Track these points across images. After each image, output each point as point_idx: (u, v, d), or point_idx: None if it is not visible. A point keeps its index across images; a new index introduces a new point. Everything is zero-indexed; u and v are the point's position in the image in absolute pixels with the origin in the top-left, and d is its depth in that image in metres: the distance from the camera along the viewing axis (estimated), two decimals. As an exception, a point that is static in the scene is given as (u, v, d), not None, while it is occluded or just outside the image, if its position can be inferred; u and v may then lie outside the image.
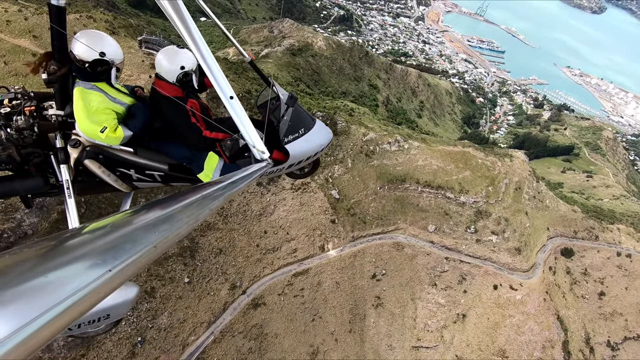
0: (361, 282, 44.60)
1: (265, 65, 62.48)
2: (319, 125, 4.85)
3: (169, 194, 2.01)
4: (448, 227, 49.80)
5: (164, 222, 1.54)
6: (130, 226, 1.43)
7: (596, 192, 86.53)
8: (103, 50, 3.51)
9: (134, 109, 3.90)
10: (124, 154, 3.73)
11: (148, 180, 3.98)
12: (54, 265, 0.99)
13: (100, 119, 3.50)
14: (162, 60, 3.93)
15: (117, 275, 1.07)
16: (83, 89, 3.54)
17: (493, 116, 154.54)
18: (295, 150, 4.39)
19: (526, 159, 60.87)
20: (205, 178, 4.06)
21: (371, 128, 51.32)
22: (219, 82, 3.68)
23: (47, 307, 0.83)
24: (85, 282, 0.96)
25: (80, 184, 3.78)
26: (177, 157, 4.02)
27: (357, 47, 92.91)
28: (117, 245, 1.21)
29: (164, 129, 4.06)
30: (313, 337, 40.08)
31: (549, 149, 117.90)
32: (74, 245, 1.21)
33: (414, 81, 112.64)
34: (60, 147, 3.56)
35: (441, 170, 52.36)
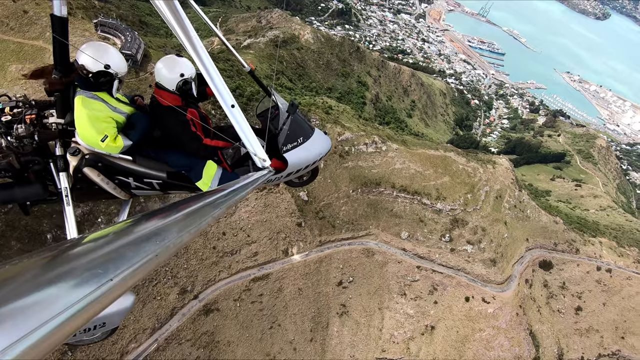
0: (326, 289, 42.64)
1: (244, 57, 59.76)
2: (317, 134, 4.88)
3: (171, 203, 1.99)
4: (422, 235, 47.83)
5: (165, 230, 1.54)
6: (131, 235, 1.43)
7: (583, 202, 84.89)
8: (108, 63, 3.56)
9: (134, 118, 3.92)
10: (123, 162, 3.75)
11: (146, 188, 3.99)
12: (55, 275, 1.00)
13: (101, 128, 3.53)
14: (161, 68, 3.96)
15: (119, 285, 1.08)
16: (84, 98, 3.57)
17: (487, 119, 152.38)
18: (294, 159, 4.41)
19: (510, 166, 58.85)
20: (203, 186, 4.07)
21: (348, 127, 49.02)
22: (220, 91, 3.67)
23: (49, 317, 0.83)
24: (86, 292, 0.96)
25: (78, 192, 3.77)
26: (176, 166, 4.03)
27: (347, 42, 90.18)
28: (118, 255, 1.23)
29: (163, 137, 4.08)
30: (270, 345, 38.15)
31: (540, 155, 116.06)
32: (75, 255, 1.23)
33: (406, 80, 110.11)
34: (59, 155, 3.57)
35: (419, 174, 50.26)
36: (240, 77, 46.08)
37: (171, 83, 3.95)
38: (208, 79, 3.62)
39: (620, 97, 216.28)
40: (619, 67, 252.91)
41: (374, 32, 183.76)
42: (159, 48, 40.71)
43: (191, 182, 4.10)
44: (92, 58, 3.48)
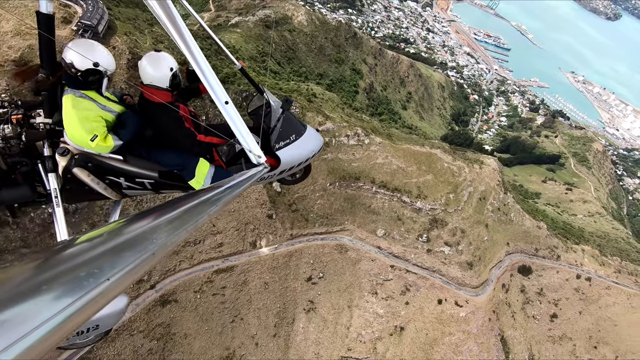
0: (294, 284, 41.35)
1: (230, 36, 57.05)
2: (310, 132, 4.89)
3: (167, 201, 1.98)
4: (399, 234, 46.37)
5: (162, 228, 1.53)
6: (127, 235, 1.41)
7: (572, 207, 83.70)
8: (97, 60, 3.48)
9: (124, 117, 3.84)
10: (113, 162, 3.68)
11: (138, 188, 3.93)
12: (50, 276, 0.97)
13: (91, 127, 3.45)
14: (149, 68, 3.86)
15: (116, 284, 1.07)
16: (73, 96, 3.49)
17: (486, 115, 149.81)
18: (287, 156, 4.39)
19: (498, 167, 57.12)
20: (196, 185, 4.00)
21: (330, 117, 46.89)
22: (214, 88, 3.62)
23: (46, 319, 0.82)
24: (83, 292, 0.95)
25: (68, 192, 3.68)
26: (168, 165, 3.94)
27: (344, 26, 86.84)
28: (114, 254, 1.22)
29: (154, 136, 4.01)
30: (230, 339, 37.01)
31: (534, 155, 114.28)
32: (69, 255, 1.20)
33: (404, 70, 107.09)
34: (48, 156, 3.52)
35: (401, 171, 48.46)
36: (218, 58, 43.64)
37: (163, 80, 3.87)
38: (201, 75, 3.55)
39: (623, 101, 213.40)
40: (623, 70, 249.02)
41: (377, 18, 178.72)
42: (129, 20, 38.09)
43: (184, 181, 4.02)
44: (81, 55, 3.39)
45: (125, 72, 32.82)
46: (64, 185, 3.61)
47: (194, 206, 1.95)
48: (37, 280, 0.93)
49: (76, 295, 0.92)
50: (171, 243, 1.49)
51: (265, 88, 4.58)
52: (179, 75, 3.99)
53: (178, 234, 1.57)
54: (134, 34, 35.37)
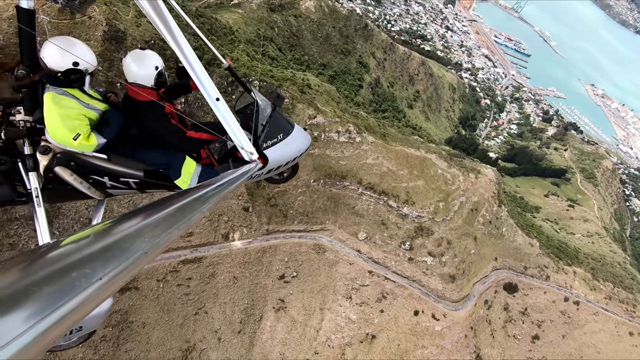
0: (265, 281, 39.92)
1: (230, 16, 54.71)
2: (297, 131, 4.90)
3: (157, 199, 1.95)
4: (381, 239, 44.55)
5: (153, 227, 1.52)
6: (118, 234, 1.40)
7: (571, 225, 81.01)
8: (76, 60, 3.39)
9: (108, 115, 3.77)
10: (97, 161, 3.61)
11: (123, 187, 3.85)
12: (39, 279, 0.95)
13: (73, 126, 3.38)
14: (134, 67, 3.78)
15: (109, 283, 1.07)
16: (54, 94, 3.40)
17: (496, 122, 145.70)
18: (274, 156, 4.41)
19: (495, 178, 54.69)
20: (182, 184, 3.92)
21: (322, 111, 44.75)
22: (204, 84, 3.58)
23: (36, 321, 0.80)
24: (75, 292, 0.94)
25: (50, 192, 3.58)
26: (153, 164, 3.88)
27: (355, 16, 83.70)
28: (105, 254, 1.20)
29: (140, 134, 3.94)
30: (192, 332, 35.83)
31: (540, 168, 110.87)
32: (58, 256, 1.18)
33: (414, 67, 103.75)
34: (28, 154, 3.42)
35: (391, 174, 46.38)
36: (197, 41, 41.56)
37: (148, 79, 3.81)
38: (191, 72, 3.51)
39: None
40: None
41: (395, 11, 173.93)
42: (114, -10, 36.04)
43: (170, 181, 3.93)
44: (58, 56, 3.31)
45: (100, 44, 30.99)
46: (46, 184, 3.49)
47: (186, 204, 1.91)
48: (26, 282, 0.91)
49: (68, 296, 0.90)
50: (163, 242, 1.45)
51: (252, 87, 4.51)
52: (164, 74, 3.91)
53: (170, 232, 1.53)
54: (115, 5, 33.40)
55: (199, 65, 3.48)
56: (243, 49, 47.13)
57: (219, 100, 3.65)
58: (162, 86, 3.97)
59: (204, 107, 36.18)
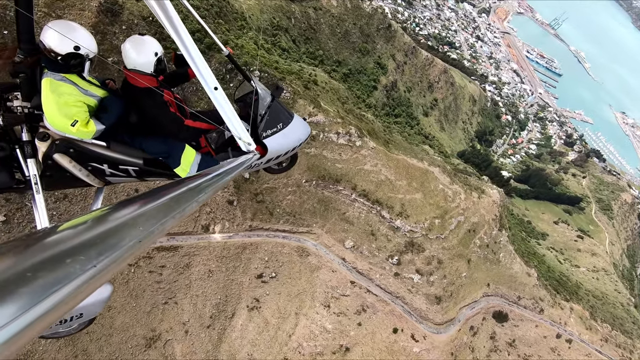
0: (242, 278, 38.69)
1: (246, 1, 53.15)
2: (297, 120, 4.86)
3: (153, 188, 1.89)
4: (368, 249, 42.75)
5: (148, 216, 1.50)
6: (112, 222, 1.37)
7: (577, 257, 77.39)
8: (77, 44, 3.33)
9: (107, 101, 3.72)
10: (96, 148, 3.58)
11: (122, 175, 3.83)
12: (34, 264, 0.94)
13: (71, 112, 3.35)
14: (133, 53, 3.70)
15: (102, 271, 1.06)
16: (52, 80, 3.34)
17: (515, 140, 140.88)
18: (274, 145, 4.37)
19: (499, 200, 52.05)
20: (182, 173, 3.93)
21: (323, 109, 42.95)
22: (203, 73, 3.55)
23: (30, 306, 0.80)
24: (69, 279, 0.93)
25: (48, 179, 3.52)
26: (153, 152, 3.86)
27: (379, 15, 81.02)
28: (100, 241, 1.19)
29: (139, 122, 3.89)
30: (158, 321, 34.92)
31: (554, 193, 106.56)
32: (53, 242, 1.15)
33: (435, 75, 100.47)
34: (27, 141, 3.36)
35: (388, 183, 44.37)
36: (215, 22, 40.18)
37: (148, 65, 3.73)
38: (190, 60, 3.46)
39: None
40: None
41: (426, 14, 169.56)
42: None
43: (169, 169, 3.94)
44: (60, 38, 3.23)
45: (94, 16, 29.90)
46: (44, 171, 3.43)
47: (182, 193, 1.89)
48: (21, 267, 0.90)
49: (63, 282, 0.90)
50: (158, 231, 1.43)
51: (253, 75, 4.67)
52: (163, 61, 3.85)
53: (165, 221, 1.51)
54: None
55: (197, 54, 3.41)
56: (252, 37, 45.56)
57: (217, 90, 3.61)
58: (161, 73, 3.90)
59: (198, 92, 34.87)
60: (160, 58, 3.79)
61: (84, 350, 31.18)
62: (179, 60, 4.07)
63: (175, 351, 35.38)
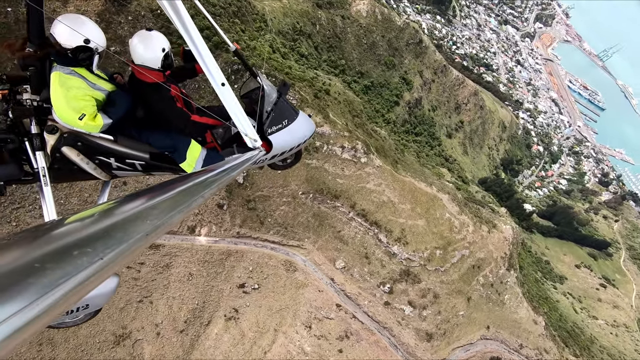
0: (223, 285, 37.24)
1: (270, 3, 52.45)
2: (302, 117, 4.85)
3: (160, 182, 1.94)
4: (360, 273, 40.35)
5: (155, 210, 1.51)
6: (119, 215, 1.39)
7: (597, 308, 71.34)
8: (87, 37, 3.35)
9: (114, 96, 3.72)
10: (103, 142, 3.58)
11: (128, 169, 3.84)
12: (42, 255, 0.96)
13: (79, 106, 3.35)
14: (141, 48, 3.72)
15: (109, 264, 1.07)
16: (61, 74, 3.34)
17: (544, 172, 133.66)
18: (279, 141, 4.39)
19: (512, 238, 48.28)
20: (187, 168, 3.95)
21: (331, 121, 41.22)
22: (210, 68, 3.55)
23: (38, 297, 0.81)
24: (75, 271, 0.94)
25: (56, 171, 3.52)
26: (159, 146, 3.86)
27: (410, 30, 78.70)
28: (107, 234, 1.19)
29: (146, 116, 3.93)
30: (131, 319, 33.92)
31: (580, 234, 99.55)
32: (61, 234, 1.16)
33: (464, 96, 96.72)
34: (36, 133, 3.38)
35: (390, 205, 41.92)
36: (231, 21, 39.37)
37: (155, 61, 3.75)
38: (197, 55, 3.48)
39: None
40: None
41: (465, 34, 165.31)
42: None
43: (175, 164, 3.95)
44: (70, 32, 3.24)
45: (101, 4, 29.61)
46: (52, 164, 3.46)
47: (188, 188, 1.92)
48: (29, 258, 0.92)
49: (69, 274, 0.91)
50: (165, 225, 1.45)
51: (259, 72, 4.45)
52: (171, 56, 3.85)
53: (172, 215, 1.53)
54: (130, -34, 31.93)
55: (205, 49, 3.42)
56: (269, 39, 44.58)
57: (225, 86, 3.61)
58: (169, 68, 3.92)
59: (200, 90, 34.01)
60: (167, 54, 3.79)
61: (50, 339, 30.53)
62: (187, 55, 4.06)
63: (144, 352, 34.22)
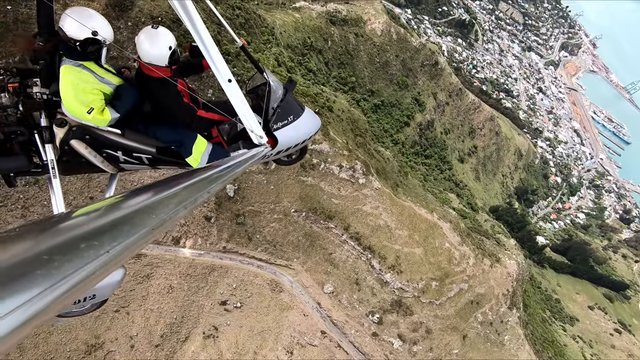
0: (204, 301, 35.85)
1: (282, 17, 52.34)
2: (307, 113, 4.87)
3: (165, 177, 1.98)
4: (348, 299, 38.33)
5: (161, 204, 1.53)
6: (126, 209, 1.40)
7: (609, 355, 66.47)
8: (95, 30, 3.37)
9: (122, 90, 3.76)
10: (111, 136, 3.64)
11: (135, 162, 3.89)
12: (50, 247, 0.97)
13: (88, 100, 3.40)
14: (147, 46, 3.72)
15: (115, 257, 1.09)
16: (70, 67, 3.39)
17: (561, 204, 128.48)
18: (284, 137, 4.41)
19: (517, 274, 45.41)
20: (193, 162, 3.98)
21: (331, 138, 40.00)
22: (217, 65, 3.58)
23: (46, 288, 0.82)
24: (82, 264, 0.96)
25: (64, 164, 3.60)
26: (165, 140, 3.91)
27: (426, 51, 77.65)
28: (113, 228, 1.21)
29: (153, 111, 3.97)
30: (105, 329, 32.79)
31: (596, 273, 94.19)
32: (68, 227, 1.19)
33: (480, 120, 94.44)
34: (45, 126, 3.44)
35: (386, 230, 40.04)
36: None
37: (162, 58, 3.75)
38: (205, 51, 3.51)
39: None
40: None
41: (487, 58, 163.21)
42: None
43: (181, 158, 3.98)
44: (79, 24, 3.26)
45: (102, 8, 29.52)
46: (61, 156, 3.51)
47: (194, 183, 1.94)
48: (38, 249, 0.93)
49: (76, 267, 0.93)
50: (170, 219, 1.47)
51: (265, 67, 4.47)
52: (177, 52, 3.86)
53: (177, 210, 1.55)
54: (135, -27, 31.99)
55: (212, 45, 3.45)
56: (275, 52, 44.12)
57: (231, 82, 3.63)
58: (175, 64, 3.90)
59: (202, 90, 33.37)
60: (174, 50, 3.78)
61: (19, 344, 29.59)
62: (194, 51, 4.08)
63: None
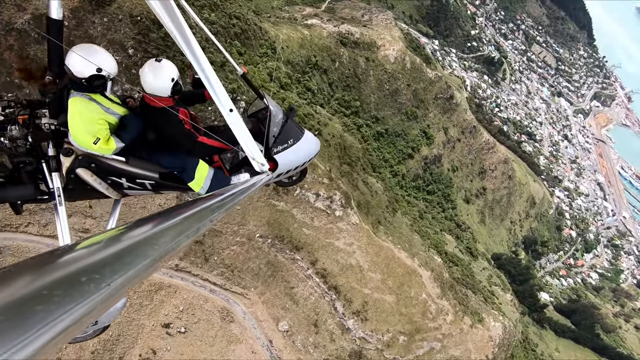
0: (146, 321, 33.07)
1: (288, 32, 50.78)
2: (307, 136, 4.98)
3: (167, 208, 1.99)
4: (303, 342, 34.76)
5: (162, 235, 1.54)
6: (128, 241, 1.40)
7: None
8: (100, 66, 3.53)
9: (127, 119, 3.92)
10: (116, 163, 3.75)
11: (139, 188, 4.00)
12: (50, 282, 0.95)
13: (94, 130, 3.52)
14: (151, 80, 3.87)
15: (115, 290, 1.09)
16: (78, 99, 3.53)
17: (573, 260, 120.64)
18: (284, 161, 4.54)
19: (500, 339, 40.74)
20: (196, 187, 4.10)
21: (311, 164, 37.23)
22: (218, 95, 3.68)
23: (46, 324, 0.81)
24: (83, 298, 0.95)
25: (70, 191, 3.72)
26: (168, 166, 4.04)
27: (442, 84, 74.79)
28: (115, 260, 1.22)
29: (156, 138, 4.08)
30: (32, 336, 30.34)
31: (601, 342, 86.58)
32: (68, 261, 1.18)
33: (492, 162, 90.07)
34: (52, 155, 3.56)
35: (358, 271, 36.60)
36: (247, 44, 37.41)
37: (164, 90, 3.91)
38: (206, 83, 3.60)
39: None
40: None
41: (512, 98, 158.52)
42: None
43: (183, 183, 4.10)
44: (83, 62, 3.45)
45: (78, 0, 28.22)
46: (67, 184, 3.62)
47: (196, 213, 1.94)
48: (39, 285, 0.91)
49: (77, 301, 0.92)
50: (172, 249, 1.49)
51: (265, 93, 4.64)
52: (180, 83, 4.01)
53: (179, 240, 1.58)
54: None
55: (214, 76, 3.55)
56: (270, 67, 42.21)
57: (233, 112, 3.73)
58: (178, 93, 4.04)
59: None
60: (176, 82, 3.92)
61: None
62: (196, 82, 4.26)
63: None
